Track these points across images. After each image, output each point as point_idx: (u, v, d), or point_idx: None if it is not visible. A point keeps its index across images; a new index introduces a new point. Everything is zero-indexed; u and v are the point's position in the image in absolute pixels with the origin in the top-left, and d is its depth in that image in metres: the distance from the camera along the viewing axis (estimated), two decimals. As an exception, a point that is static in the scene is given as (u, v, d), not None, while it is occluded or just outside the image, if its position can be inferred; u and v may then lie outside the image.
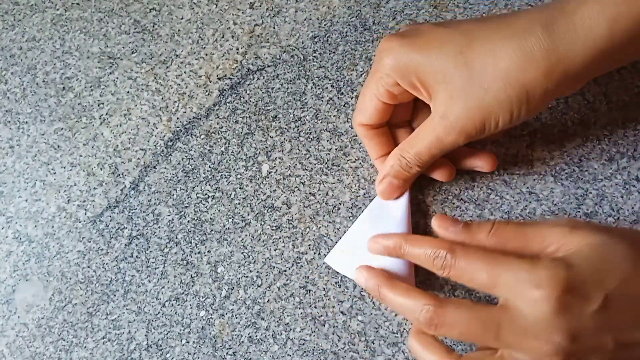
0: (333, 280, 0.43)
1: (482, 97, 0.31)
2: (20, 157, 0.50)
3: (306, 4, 0.51)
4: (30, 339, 0.44)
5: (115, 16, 0.53)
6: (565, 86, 0.32)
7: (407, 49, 0.34)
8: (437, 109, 0.34)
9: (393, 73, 0.34)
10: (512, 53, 0.30)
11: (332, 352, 0.42)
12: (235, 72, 0.50)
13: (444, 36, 0.33)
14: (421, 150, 0.36)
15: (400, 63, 0.34)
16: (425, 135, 0.35)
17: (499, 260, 0.30)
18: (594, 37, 0.29)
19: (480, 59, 0.31)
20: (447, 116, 0.33)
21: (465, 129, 0.33)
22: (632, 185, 0.42)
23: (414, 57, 0.33)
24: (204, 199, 0.47)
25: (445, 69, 0.32)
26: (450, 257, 0.31)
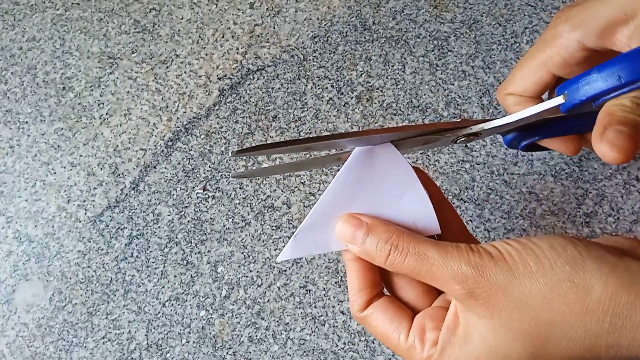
0: (333, 280, 0.43)
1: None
2: (20, 157, 0.50)
3: (306, 4, 0.51)
4: (30, 339, 0.44)
5: (115, 16, 0.53)
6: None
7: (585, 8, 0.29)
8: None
9: (578, 30, 0.30)
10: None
11: (332, 352, 0.42)
12: (235, 72, 0.50)
13: None
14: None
15: (585, 17, 0.29)
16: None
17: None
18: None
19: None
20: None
21: None
22: (632, 185, 0.42)
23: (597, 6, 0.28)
24: (204, 199, 0.47)
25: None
26: None
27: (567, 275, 0.23)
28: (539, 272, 0.23)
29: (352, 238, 0.28)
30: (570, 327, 0.23)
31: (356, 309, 0.29)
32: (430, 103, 0.47)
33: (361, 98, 0.48)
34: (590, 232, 0.42)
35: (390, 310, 0.28)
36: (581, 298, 0.23)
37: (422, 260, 0.26)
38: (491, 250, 0.25)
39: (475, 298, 0.24)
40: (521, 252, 0.24)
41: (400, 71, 0.49)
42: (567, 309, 0.23)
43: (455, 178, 0.43)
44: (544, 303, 0.23)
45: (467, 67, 0.48)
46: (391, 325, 0.28)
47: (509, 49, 0.48)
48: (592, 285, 0.23)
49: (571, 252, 0.24)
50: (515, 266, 0.24)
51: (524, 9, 0.50)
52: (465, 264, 0.24)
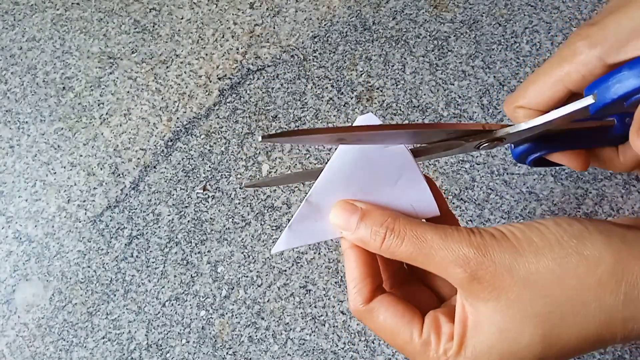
0: (333, 280, 0.43)
1: None
2: (20, 157, 0.50)
3: (306, 4, 0.51)
4: (30, 339, 0.44)
5: (115, 16, 0.53)
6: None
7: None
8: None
9: (599, 46, 0.29)
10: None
11: (332, 351, 0.42)
12: (235, 72, 0.50)
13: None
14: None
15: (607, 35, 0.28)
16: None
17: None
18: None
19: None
20: None
21: None
22: (632, 185, 0.42)
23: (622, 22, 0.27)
24: (204, 199, 0.47)
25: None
26: None
27: (575, 248, 0.22)
28: (545, 247, 0.22)
29: (347, 224, 0.27)
30: (582, 302, 0.22)
31: (359, 302, 0.27)
32: (430, 103, 0.47)
33: (361, 98, 0.48)
34: (590, 232, 0.42)
35: (400, 306, 0.27)
36: (592, 270, 0.22)
37: (421, 243, 0.24)
38: (493, 231, 0.24)
39: (478, 281, 0.23)
40: (525, 230, 0.23)
41: (400, 71, 0.49)
42: (579, 283, 0.22)
43: (455, 178, 0.43)
44: (554, 279, 0.22)
45: (467, 67, 0.48)
46: (402, 320, 0.26)
47: (509, 49, 0.48)
48: (603, 256, 0.22)
49: (577, 227, 0.23)
50: (519, 244, 0.23)
51: (524, 9, 0.50)
52: (466, 245, 0.23)
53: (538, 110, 0.33)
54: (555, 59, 0.32)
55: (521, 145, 0.33)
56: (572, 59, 0.31)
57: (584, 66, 0.30)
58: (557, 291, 0.22)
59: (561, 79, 0.32)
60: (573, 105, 0.27)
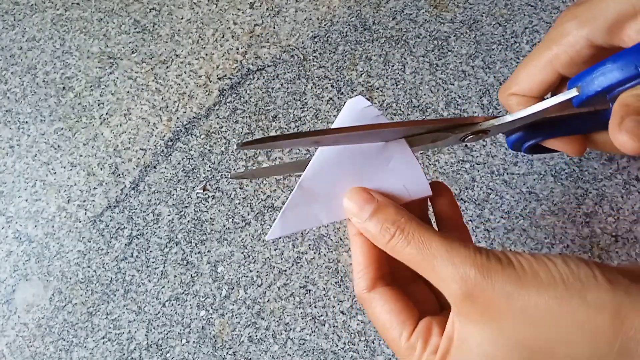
0: (333, 280, 0.43)
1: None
2: (20, 157, 0.50)
3: (306, 4, 0.51)
4: (30, 339, 0.44)
5: (115, 16, 0.53)
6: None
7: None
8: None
9: (587, 26, 0.29)
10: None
11: (332, 351, 0.42)
12: (235, 72, 0.50)
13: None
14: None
15: (594, 14, 0.28)
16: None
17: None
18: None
19: None
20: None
21: None
22: (632, 185, 0.42)
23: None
24: (204, 199, 0.47)
25: None
26: None
27: (579, 291, 0.22)
28: (549, 284, 0.22)
29: (359, 212, 0.27)
30: (576, 346, 0.22)
31: (362, 287, 0.27)
32: (430, 103, 0.47)
33: (361, 98, 0.48)
34: (590, 232, 0.42)
35: (400, 303, 0.27)
36: (592, 317, 0.21)
37: (425, 250, 0.24)
38: (500, 256, 0.24)
39: (472, 301, 0.23)
40: (532, 263, 0.23)
41: (400, 71, 0.49)
42: (576, 328, 0.22)
43: (455, 178, 0.43)
44: (551, 317, 0.22)
45: (467, 67, 0.48)
46: (397, 318, 0.26)
47: (509, 49, 0.48)
48: (605, 305, 0.21)
49: (584, 271, 0.23)
50: (524, 275, 0.23)
51: (524, 9, 0.50)
52: (470, 263, 0.23)
53: (530, 96, 0.33)
54: (545, 41, 0.32)
55: (515, 134, 0.33)
56: (560, 40, 0.31)
57: (571, 47, 0.30)
58: (553, 329, 0.22)
59: (550, 61, 0.32)
60: (557, 97, 0.27)
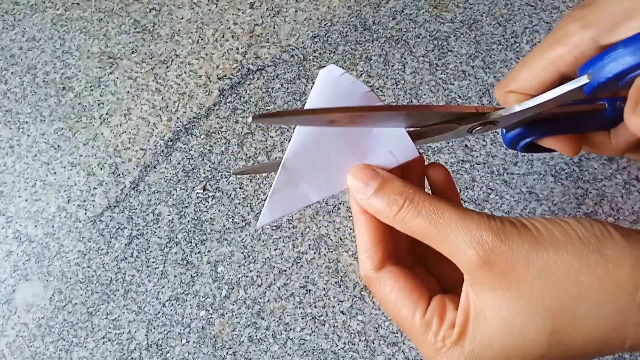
0: (333, 280, 0.43)
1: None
2: (20, 157, 0.50)
3: (306, 4, 0.51)
4: (30, 339, 0.44)
5: (115, 16, 0.54)
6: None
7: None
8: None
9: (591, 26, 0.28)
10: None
11: (332, 351, 0.42)
12: (235, 72, 0.50)
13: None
14: None
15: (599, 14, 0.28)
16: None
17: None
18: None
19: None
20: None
21: None
22: (632, 185, 0.42)
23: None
24: (204, 199, 0.47)
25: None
26: None
27: (596, 247, 0.22)
28: (566, 242, 0.22)
29: (364, 188, 0.26)
30: (597, 301, 0.21)
31: (369, 267, 0.26)
32: (431, 103, 0.47)
33: (361, 98, 0.48)
34: (590, 232, 0.42)
35: (410, 282, 0.26)
36: (611, 271, 0.21)
37: (437, 219, 0.23)
38: (514, 220, 0.23)
39: (489, 266, 0.22)
40: (546, 224, 0.23)
41: (400, 71, 0.49)
42: (596, 282, 0.21)
43: (455, 178, 0.43)
44: (571, 275, 0.21)
45: (467, 67, 0.48)
46: (409, 297, 0.25)
47: (509, 49, 0.48)
48: (623, 258, 0.21)
49: (598, 227, 0.22)
50: (540, 236, 0.22)
51: (524, 9, 0.50)
52: (485, 228, 0.22)
53: (529, 94, 0.32)
54: (548, 41, 0.32)
55: (512, 131, 0.32)
56: (564, 41, 0.31)
57: (576, 48, 0.30)
58: (574, 287, 0.21)
59: (553, 61, 0.31)
60: (567, 85, 0.26)
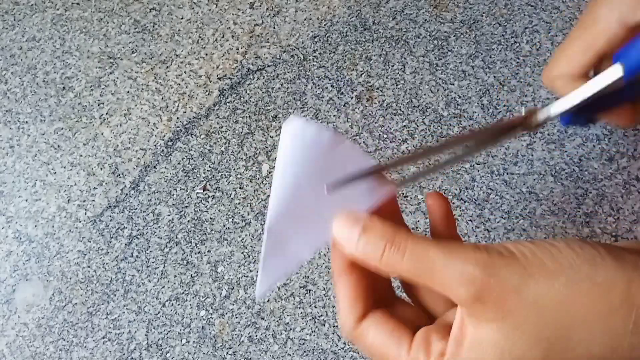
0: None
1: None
2: (20, 157, 0.50)
3: (306, 4, 0.51)
4: (30, 339, 0.44)
5: (115, 16, 0.54)
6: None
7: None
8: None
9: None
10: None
11: (332, 351, 0.42)
12: (235, 72, 0.50)
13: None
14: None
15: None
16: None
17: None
18: None
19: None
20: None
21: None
22: (632, 185, 0.42)
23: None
24: (204, 199, 0.47)
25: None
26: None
27: (587, 274, 0.21)
28: (557, 271, 0.22)
29: (349, 236, 0.25)
30: (591, 329, 0.21)
31: (349, 327, 0.26)
32: (430, 103, 0.47)
33: (361, 98, 0.48)
34: (590, 232, 0.42)
35: (390, 324, 0.26)
36: (604, 297, 0.21)
37: (422, 259, 0.23)
38: (501, 249, 0.23)
39: (483, 302, 0.22)
40: (535, 251, 0.22)
41: (400, 71, 0.49)
42: (589, 310, 0.21)
43: (455, 178, 0.43)
44: (564, 304, 0.21)
45: (467, 67, 0.48)
46: (391, 339, 0.25)
47: (509, 49, 0.48)
48: (615, 283, 0.21)
49: (589, 252, 0.22)
50: (529, 265, 0.22)
51: (524, 9, 0.50)
52: (472, 263, 0.22)
53: (573, 75, 0.33)
54: (579, 29, 0.32)
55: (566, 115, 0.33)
56: (593, 27, 0.31)
57: (606, 32, 0.30)
58: (567, 316, 0.22)
59: (588, 47, 0.32)
60: (603, 79, 0.27)
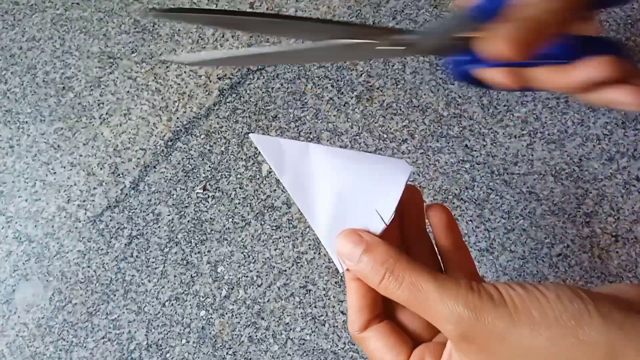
0: (333, 280, 0.43)
1: None
2: (20, 157, 0.50)
3: (306, 4, 0.51)
4: (30, 339, 0.44)
5: (115, 16, 0.53)
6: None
7: None
8: None
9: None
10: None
11: (332, 352, 0.42)
12: (235, 72, 0.50)
13: None
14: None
15: None
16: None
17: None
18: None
19: None
20: None
21: None
22: (632, 185, 0.42)
23: None
24: (204, 199, 0.47)
25: None
26: None
27: (573, 330, 0.22)
28: (542, 324, 0.22)
29: (350, 254, 0.27)
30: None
31: (355, 329, 0.28)
32: (430, 103, 0.47)
33: (361, 98, 0.48)
34: (590, 232, 0.42)
35: (392, 338, 0.27)
36: (586, 356, 0.22)
37: (417, 291, 0.24)
38: (492, 292, 0.23)
39: (468, 342, 0.23)
40: (525, 299, 0.23)
41: (401, 71, 0.49)
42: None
43: (455, 178, 0.43)
44: (546, 357, 0.22)
45: (467, 67, 0.48)
46: (390, 353, 0.27)
47: (509, 49, 0.48)
48: (599, 343, 0.22)
49: (578, 306, 0.23)
50: (516, 314, 0.23)
51: (524, 9, 0.50)
52: (462, 304, 0.23)
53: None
54: None
55: (457, 57, 0.29)
56: None
57: None
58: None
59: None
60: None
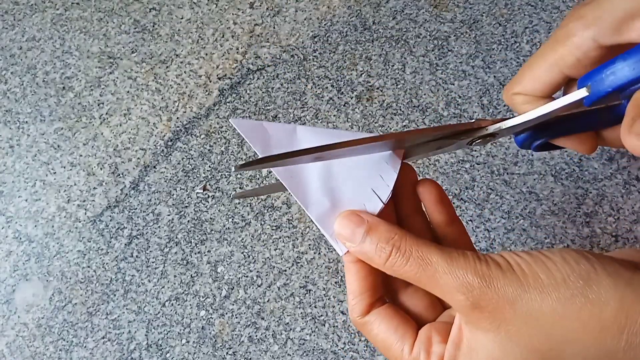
0: (333, 280, 0.43)
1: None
2: (20, 157, 0.50)
3: (306, 4, 0.51)
4: (30, 339, 0.44)
5: (115, 16, 0.53)
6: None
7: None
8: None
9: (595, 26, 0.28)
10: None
11: (332, 351, 0.42)
12: (235, 72, 0.50)
13: None
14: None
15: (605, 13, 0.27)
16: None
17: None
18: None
19: None
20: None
21: None
22: (632, 185, 0.42)
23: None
24: (204, 198, 0.47)
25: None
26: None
27: (581, 290, 0.22)
28: (550, 285, 0.22)
29: (351, 236, 0.26)
30: (583, 345, 0.22)
31: (356, 314, 0.28)
32: (430, 103, 0.47)
33: (361, 98, 0.48)
34: (590, 232, 0.42)
35: (395, 319, 0.27)
36: (596, 315, 0.22)
37: (425, 265, 0.24)
38: (500, 260, 0.23)
39: (480, 310, 0.23)
40: (532, 264, 0.23)
41: (400, 71, 0.49)
42: (581, 326, 0.22)
43: (455, 178, 0.43)
44: (556, 319, 0.22)
45: (467, 66, 0.48)
46: (395, 335, 0.26)
47: (509, 49, 0.48)
48: (608, 301, 0.22)
49: (585, 267, 0.23)
50: (525, 278, 0.23)
51: (524, 9, 0.50)
52: (471, 272, 0.23)
53: (535, 95, 0.32)
54: (550, 42, 0.31)
55: (523, 133, 0.32)
56: (565, 42, 0.30)
57: (577, 49, 0.29)
58: (559, 331, 0.22)
59: (556, 62, 0.31)
60: (565, 98, 0.26)
